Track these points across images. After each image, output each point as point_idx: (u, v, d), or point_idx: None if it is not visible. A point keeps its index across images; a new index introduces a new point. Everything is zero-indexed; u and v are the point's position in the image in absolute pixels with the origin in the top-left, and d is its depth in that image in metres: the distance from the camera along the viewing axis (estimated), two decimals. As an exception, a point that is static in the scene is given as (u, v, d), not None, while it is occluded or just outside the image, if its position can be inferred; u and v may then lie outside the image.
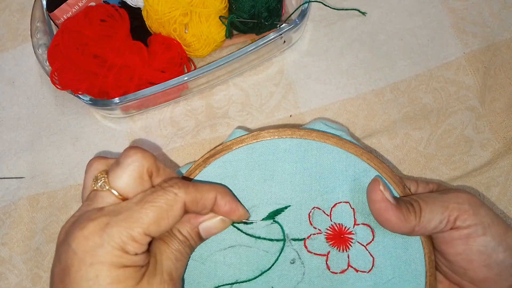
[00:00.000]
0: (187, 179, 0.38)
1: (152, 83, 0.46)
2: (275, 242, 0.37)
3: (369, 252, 0.36)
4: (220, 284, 0.36)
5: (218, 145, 0.38)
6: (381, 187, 0.33)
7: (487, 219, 0.32)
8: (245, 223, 0.37)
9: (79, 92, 0.45)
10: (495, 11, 0.51)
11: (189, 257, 0.35)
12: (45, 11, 0.49)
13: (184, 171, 0.39)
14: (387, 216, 0.33)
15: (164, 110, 0.51)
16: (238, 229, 0.37)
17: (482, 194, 0.45)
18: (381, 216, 0.33)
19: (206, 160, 0.38)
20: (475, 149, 0.46)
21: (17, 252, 0.48)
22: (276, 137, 0.38)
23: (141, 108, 0.50)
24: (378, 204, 0.33)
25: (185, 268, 0.36)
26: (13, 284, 0.47)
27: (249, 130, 0.39)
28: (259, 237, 0.37)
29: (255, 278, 0.36)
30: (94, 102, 0.46)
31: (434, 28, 0.51)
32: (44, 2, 0.49)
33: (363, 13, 0.52)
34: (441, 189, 0.36)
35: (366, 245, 0.36)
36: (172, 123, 0.51)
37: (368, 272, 0.35)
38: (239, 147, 0.38)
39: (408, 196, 0.36)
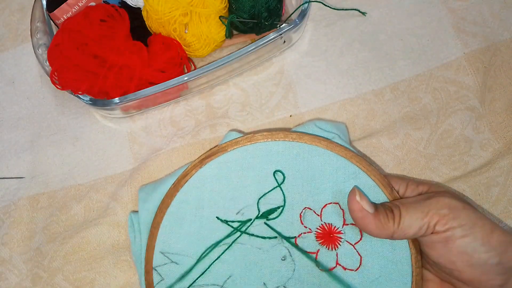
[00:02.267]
0: (179, 184, 0.40)
1: (152, 83, 0.46)
2: (267, 239, 0.38)
3: (357, 251, 0.37)
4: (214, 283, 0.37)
5: (214, 147, 0.40)
6: (358, 197, 0.35)
7: (467, 221, 0.33)
8: (240, 221, 0.38)
9: (79, 92, 0.45)
10: (495, 11, 0.51)
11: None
12: (45, 11, 0.49)
13: (181, 171, 0.40)
14: (364, 224, 0.34)
15: (164, 110, 0.51)
16: (232, 227, 0.38)
17: (482, 194, 0.45)
18: (360, 224, 0.35)
19: (202, 161, 0.39)
20: (475, 149, 0.46)
21: (17, 252, 0.48)
22: (270, 139, 0.40)
23: (141, 108, 0.50)
24: (355, 213, 0.35)
25: None
26: (13, 284, 0.47)
27: (244, 132, 0.40)
28: (252, 235, 0.38)
29: (248, 274, 0.37)
30: (94, 102, 0.46)
31: (434, 28, 0.51)
32: (44, 2, 0.49)
33: (363, 13, 0.52)
34: (430, 191, 0.37)
35: (354, 244, 0.37)
36: (172, 123, 0.51)
37: (355, 270, 0.37)
38: (234, 149, 0.40)
39: (392, 201, 0.37)
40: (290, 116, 0.50)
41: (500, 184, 0.45)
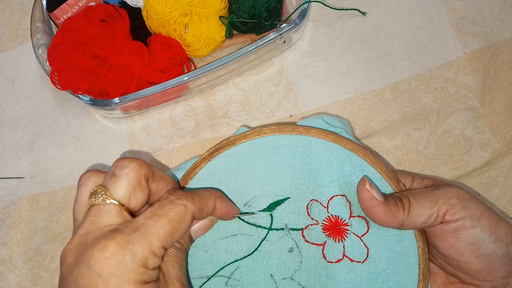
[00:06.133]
0: (188, 176, 0.40)
1: (152, 83, 0.46)
2: (274, 231, 0.38)
3: (364, 243, 0.37)
4: (221, 267, 0.38)
5: (223, 140, 0.40)
6: (368, 186, 0.35)
7: (476, 212, 0.33)
8: (246, 213, 0.39)
9: (79, 92, 0.45)
10: (495, 11, 0.51)
11: (186, 259, 0.36)
12: (45, 11, 0.49)
13: (189, 164, 0.40)
14: (374, 213, 0.34)
15: (164, 110, 0.51)
16: (240, 218, 0.39)
17: (482, 194, 0.45)
18: (369, 213, 0.35)
19: (212, 153, 0.40)
20: (475, 149, 0.46)
21: (17, 252, 0.48)
22: (277, 133, 0.40)
23: (141, 108, 0.50)
24: (365, 202, 0.35)
25: (187, 270, 0.37)
26: (13, 284, 0.47)
27: (252, 128, 0.41)
28: (259, 226, 0.38)
29: (255, 265, 0.38)
30: (94, 102, 0.46)
31: (434, 28, 0.51)
32: (44, 2, 0.49)
33: (363, 13, 0.52)
34: (435, 184, 0.37)
35: (361, 236, 0.37)
36: (172, 123, 0.51)
37: (362, 262, 0.37)
38: (242, 142, 0.40)
39: (400, 192, 0.37)
40: (290, 116, 0.50)
41: (500, 184, 0.45)
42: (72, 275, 0.27)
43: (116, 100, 0.45)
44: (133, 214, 0.30)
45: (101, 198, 0.29)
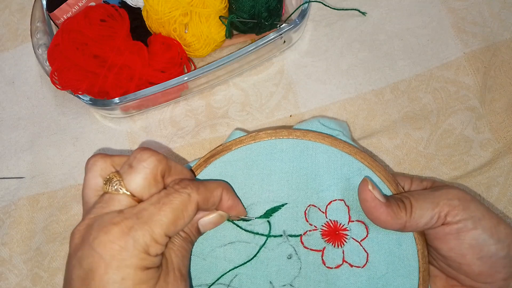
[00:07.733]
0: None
1: (152, 83, 0.46)
2: (272, 238, 0.38)
3: (363, 248, 0.37)
4: (221, 275, 0.37)
5: (218, 146, 0.40)
6: (370, 187, 0.34)
7: (477, 213, 0.33)
8: (243, 219, 0.38)
9: (79, 92, 0.45)
10: (495, 11, 0.51)
11: (191, 252, 0.36)
12: (45, 11, 0.49)
13: None
14: (377, 214, 0.34)
15: (164, 110, 0.51)
16: (238, 226, 0.38)
17: (482, 194, 0.45)
18: (372, 214, 0.34)
19: (207, 160, 0.39)
20: (475, 149, 0.46)
21: (17, 252, 0.48)
22: (273, 137, 0.39)
23: (141, 108, 0.50)
24: (368, 203, 0.34)
25: (190, 262, 0.37)
26: (13, 284, 0.47)
27: (248, 131, 0.40)
28: (257, 233, 0.38)
29: (254, 272, 0.37)
30: (94, 102, 0.46)
31: (434, 28, 0.51)
32: (44, 2, 0.49)
33: (363, 13, 0.52)
34: (434, 186, 0.37)
35: (361, 241, 0.37)
36: (172, 123, 0.51)
37: (362, 267, 0.36)
38: (238, 148, 0.39)
39: (400, 193, 0.37)
40: (290, 116, 0.50)
41: (500, 184, 0.45)
42: (77, 254, 0.28)
43: (116, 100, 0.45)
44: None
45: (115, 188, 0.30)
